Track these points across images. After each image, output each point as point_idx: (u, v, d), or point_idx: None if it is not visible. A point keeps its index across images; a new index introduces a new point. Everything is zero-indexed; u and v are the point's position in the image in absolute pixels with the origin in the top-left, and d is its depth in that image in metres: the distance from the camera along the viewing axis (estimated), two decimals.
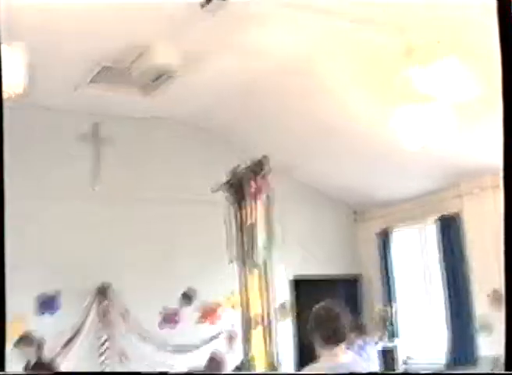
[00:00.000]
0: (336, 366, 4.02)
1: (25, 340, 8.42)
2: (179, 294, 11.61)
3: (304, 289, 12.19)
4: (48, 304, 10.51)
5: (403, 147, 7.88)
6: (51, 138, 10.52)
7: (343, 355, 4.11)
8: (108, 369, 10.59)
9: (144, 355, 10.79)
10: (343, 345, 4.11)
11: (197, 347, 10.91)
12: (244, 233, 7.05)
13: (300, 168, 12.06)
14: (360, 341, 9.22)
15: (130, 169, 11.02)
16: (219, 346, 11.06)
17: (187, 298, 11.68)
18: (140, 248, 11.07)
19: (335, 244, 13.09)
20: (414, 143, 7.62)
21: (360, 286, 13.22)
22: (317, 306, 4.25)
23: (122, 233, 10.96)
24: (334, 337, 4.09)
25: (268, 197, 6.89)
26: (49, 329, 10.21)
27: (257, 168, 7.15)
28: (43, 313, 10.46)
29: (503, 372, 3.56)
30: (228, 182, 7.50)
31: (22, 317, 10.11)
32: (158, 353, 10.94)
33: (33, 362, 8.34)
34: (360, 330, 9.50)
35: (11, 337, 8.68)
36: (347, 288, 12.91)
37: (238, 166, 7.34)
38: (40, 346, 8.44)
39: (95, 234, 10.76)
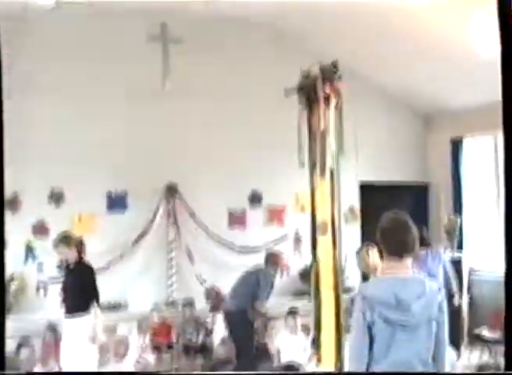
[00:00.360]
0: (396, 280, 3.99)
1: (64, 240, 8.19)
2: (246, 196, 11.75)
3: (373, 195, 12.17)
4: (117, 202, 10.76)
5: (478, 53, 7.65)
6: (122, 40, 10.53)
7: (406, 269, 4.05)
8: (175, 267, 10.85)
9: (211, 255, 11.01)
10: (407, 258, 4.04)
11: (263, 248, 11.06)
12: (315, 138, 6.94)
13: (373, 75, 11.86)
14: (423, 253, 9.02)
15: (200, 70, 10.91)
16: (286, 248, 11.21)
17: (255, 199, 11.80)
18: (209, 149, 11.19)
19: (405, 151, 12.98)
20: (489, 49, 7.39)
21: (428, 194, 13.13)
22: (385, 216, 4.17)
23: (190, 132, 11.04)
24: (400, 249, 4.02)
25: (340, 103, 6.74)
26: (118, 226, 10.49)
27: (329, 73, 6.97)
28: (112, 211, 10.74)
29: (503, 372, 3.53)
30: (299, 86, 7.36)
31: (91, 215, 10.38)
32: (224, 253, 11.19)
33: (72, 262, 8.23)
34: (424, 241, 9.13)
35: (82, 234, 8.94)
36: (416, 196, 12.87)
37: (309, 69, 7.18)
38: (80, 247, 8.26)
39: (164, 133, 10.91)
